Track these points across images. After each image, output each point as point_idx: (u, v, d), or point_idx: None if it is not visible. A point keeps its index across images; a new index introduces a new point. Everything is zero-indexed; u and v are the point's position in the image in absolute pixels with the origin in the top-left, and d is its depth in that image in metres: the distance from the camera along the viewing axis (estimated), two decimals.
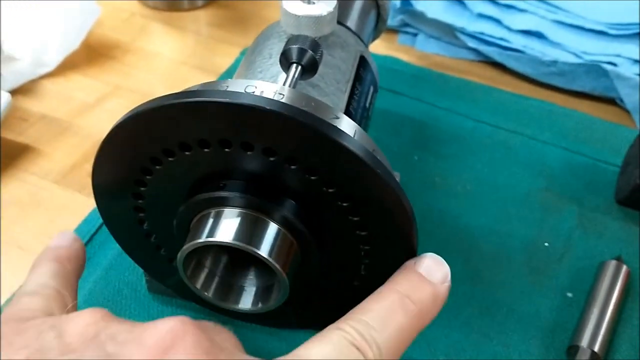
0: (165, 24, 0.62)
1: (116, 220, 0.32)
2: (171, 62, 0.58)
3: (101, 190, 0.31)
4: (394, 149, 0.48)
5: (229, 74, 0.55)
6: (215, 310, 0.35)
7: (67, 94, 0.53)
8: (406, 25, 0.61)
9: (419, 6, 0.58)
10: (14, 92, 0.51)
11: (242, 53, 0.57)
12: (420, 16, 0.58)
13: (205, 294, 0.30)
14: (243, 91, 0.27)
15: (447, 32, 0.59)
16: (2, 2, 0.52)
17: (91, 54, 0.56)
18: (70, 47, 0.54)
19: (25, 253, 0.41)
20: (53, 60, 0.54)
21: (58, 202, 0.44)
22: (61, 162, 0.47)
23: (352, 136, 0.27)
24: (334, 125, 0.26)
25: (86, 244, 0.41)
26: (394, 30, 0.61)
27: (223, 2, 0.65)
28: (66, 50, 0.54)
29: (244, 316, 0.35)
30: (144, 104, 0.27)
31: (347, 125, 0.27)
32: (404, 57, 0.59)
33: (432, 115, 0.52)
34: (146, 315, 0.37)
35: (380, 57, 0.57)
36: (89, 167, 0.46)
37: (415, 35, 0.61)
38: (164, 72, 0.56)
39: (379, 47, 0.59)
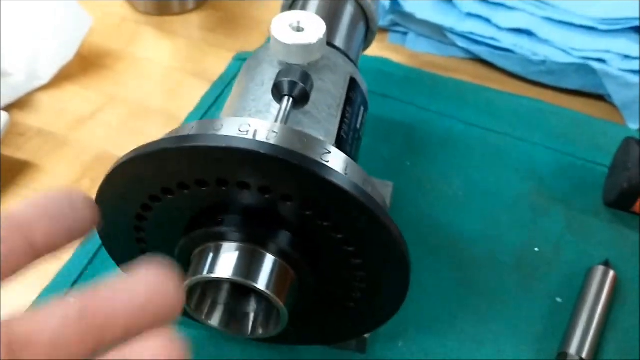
0: (157, 28, 0.62)
1: (119, 250, 0.33)
2: (164, 69, 0.58)
3: (104, 223, 0.31)
4: (385, 156, 0.49)
5: (222, 81, 0.55)
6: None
7: (62, 107, 0.53)
8: (396, 24, 0.61)
9: (408, 7, 0.58)
10: (9, 107, 0.51)
11: (235, 58, 0.57)
12: (409, 16, 0.59)
13: (210, 322, 0.31)
14: (237, 132, 0.27)
15: (437, 31, 0.59)
16: None
17: (85, 64, 0.57)
18: (64, 59, 0.54)
19: (30, 273, 0.42)
20: (47, 72, 0.54)
21: None
22: (61, 177, 0.48)
23: (344, 172, 0.28)
24: (325, 165, 0.27)
25: (90, 261, 0.42)
26: (384, 29, 0.62)
27: (213, 4, 0.65)
28: (60, 62, 0.54)
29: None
30: (141, 147, 0.28)
31: (338, 161, 0.28)
32: (394, 56, 0.60)
33: (422, 118, 0.52)
34: None
35: (371, 58, 0.57)
36: (89, 182, 0.48)
37: (405, 34, 0.61)
38: (158, 79, 0.57)
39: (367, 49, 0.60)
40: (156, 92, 0.56)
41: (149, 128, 0.52)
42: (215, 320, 0.32)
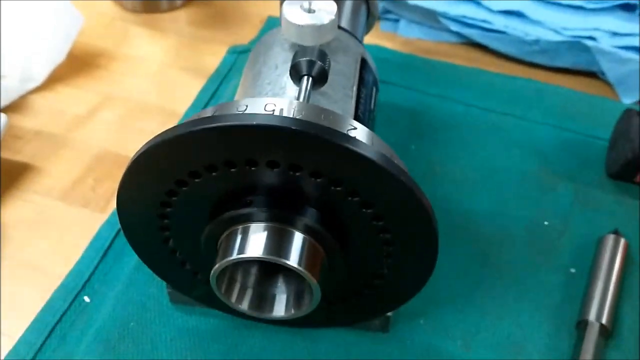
0: (146, 26, 0.62)
1: (141, 239, 0.33)
2: (158, 66, 0.57)
3: (126, 212, 0.31)
4: (391, 140, 0.48)
5: (218, 75, 0.55)
6: (243, 316, 0.36)
7: (58, 108, 0.53)
8: (388, 12, 0.61)
9: None
10: (3, 110, 0.50)
11: (229, 52, 0.57)
12: (402, 3, 0.59)
13: (240, 306, 0.31)
14: (263, 111, 0.27)
15: (429, 17, 0.60)
16: None
17: (77, 64, 0.56)
18: (57, 60, 0.54)
19: (41, 274, 0.41)
20: (40, 74, 0.53)
21: (65, 219, 0.45)
22: (62, 178, 0.47)
23: (371, 145, 0.28)
24: (354, 138, 0.27)
25: (100, 260, 0.41)
26: None
27: (201, 1, 0.65)
28: (53, 62, 0.53)
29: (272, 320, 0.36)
30: (167, 131, 0.27)
31: (364, 135, 0.28)
32: (387, 44, 0.60)
33: (423, 102, 0.53)
34: (172, 326, 0.38)
35: (366, 46, 0.57)
36: (91, 181, 0.47)
37: (397, 21, 0.62)
38: (153, 76, 0.56)
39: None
40: (152, 90, 0.55)
41: (148, 125, 0.52)
42: (245, 304, 0.31)
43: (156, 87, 0.56)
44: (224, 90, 0.54)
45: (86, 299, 0.39)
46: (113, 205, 0.45)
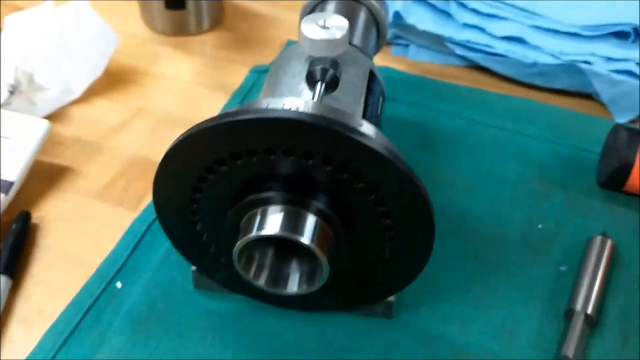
0: (176, 48, 0.67)
1: (173, 223, 0.37)
2: (186, 84, 0.63)
3: (161, 198, 0.36)
4: None
5: (241, 91, 0.60)
6: (259, 299, 0.40)
7: (95, 118, 0.58)
8: (398, 37, 0.66)
9: (409, 20, 0.63)
10: (46, 119, 0.56)
11: (252, 71, 0.62)
12: (411, 29, 0.64)
13: (257, 282, 0.35)
14: (282, 107, 0.32)
15: (436, 42, 0.65)
16: (31, 36, 0.57)
17: (112, 79, 0.61)
18: (94, 75, 0.59)
19: (78, 264, 0.45)
20: (79, 87, 0.58)
21: (100, 216, 0.49)
22: (98, 180, 0.52)
23: (375, 138, 0.32)
24: (359, 130, 0.31)
25: (132, 251, 0.45)
26: (387, 43, 0.67)
27: (226, 25, 0.70)
28: (90, 77, 0.59)
29: (286, 302, 0.40)
30: (201, 123, 0.32)
31: (369, 130, 0.33)
32: (397, 66, 0.65)
33: (427, 117, 0.57)
34: (195, 308, 0.42)
35: (377, 67, 0.62)
36: (124, 183, 0.52)
37: (406, 46, 0.66)
38: (180, 92, 0.61)
39: (374, 59, 0.65)
40: (179, 104, 0.60)
41: (175, 135, 0.55)
42: (262, 281, 0.35)
43: (183, 102, 0.61)
44: None
45: (118, 284, 0.44)
46: (144, 203, 0.49)
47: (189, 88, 0.62)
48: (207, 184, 0.34)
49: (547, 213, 0.49)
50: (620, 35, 0.62)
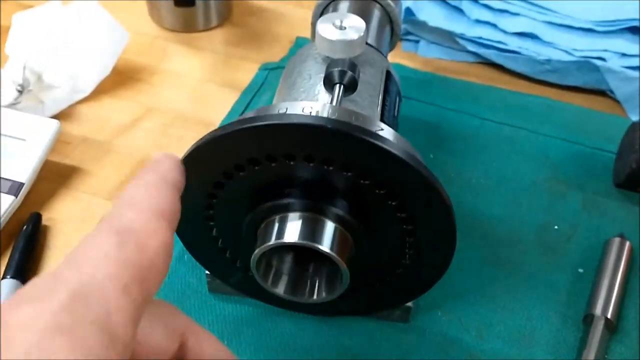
0: (184, 44, 0.66)
1: (189, 229, 0.36)
2: (195, 81, 0.62)
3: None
4: None
5: (251, 89, 0.59)
6: (274, 303, 0.40)
7: (104, 117, 0.57)
8: (409, 33, 0.65)
9: (420, 16, 0.63)
10: (54, 118, 0.55)
11: (261, 68, 0.61)
12: (422, 25, 0.63)
13: (276, 290, 0.35)
14: (301, 112, 0.31)
15: (447, 38, 0.64)
16: (39, 35, 0.56)
17: (121, 77, 0.61)
18: (103, 73, 0.58)
19: None
20: (88, 86, 0.58)
21: None
22: (108, 180, 0.51)
23: (396, 143, 0.31)
24: (381, 136, 0.30)
25: None
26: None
27: (235, 21, 0.70)
28: (100, 75, 0.58)
29: (302, 307, 0.40)
30: (219, 129, 0.31)
31: (390, 135, 0.32)
32: (408, 63, 0.64)
33: (441, 116, 0.57)
34: (210, 312, 0.41)
35: None
36: None
37: (417, 42, 0.66)
38: (191, 90, 0.61)
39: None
40: (189, 102, 0.60)
41: (185, 133, 0.56)
42: (280, 289, 0.35)
43: (193, 99, 0.60)
44: (256, 103, 0.58)
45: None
46: None
47: (198, 85, 0.62)
48: (224, 189, 0.33)
49: (563, 214, 0.48)
50: (634, 30, 0.61)
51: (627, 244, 0.44)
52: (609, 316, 0.40)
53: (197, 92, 0.61)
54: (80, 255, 0.22)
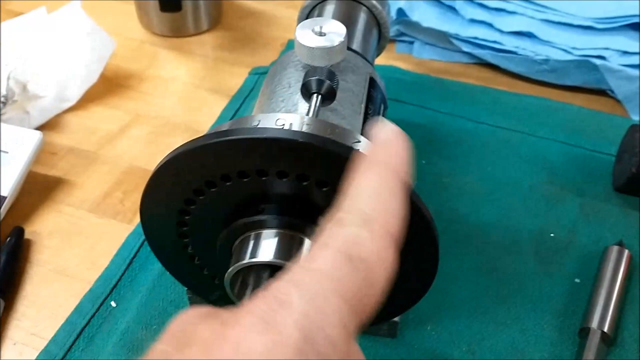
0: (174, 49, 0.65)
1: (163, 246, 0.35)
2: (185, 86, 0.61)
3: (149, 221, 0.34)
4: None
5: (241, 94, 0.58)
6: None
7: (91, 126, 0.56)
8: (402, 34, 0.64)
9: (413, 16, 0.61)
10: (40, 128, 0.54)
11: (251, 73, 0.60)
12: (415, 25, 0.62)
13: None
14: (274, 125, 0.30)
15: (442, 39, 0.62)
16: (24, 44, 0.56)
17: (109, 85, 0.60)
18: (90, 81, 0.57)
19: (72, 280, 0.44)
20: (75, 94, 0.57)
21: (96, 229, 0.48)
22: (93, 191, 0.50)
23: None
24: (356, 150, 0.29)
25: (127, 267, 0.44)
26: (391, 40, 0.64)
27: (226, 25, 0.68)
28: (86, 84, 0.57)
29: None
30: (185, 144, 0.30)
31: (368, 147, 0.30)
32: (402, 64, 0.62)
33: (434, 120, 0.55)
34: None
35: (381, 67, 0.60)
36: (120, 194, 0.50)
37: (411, 43, 0.64)
38: (180, 96, 0.60)
39: (378, 58, 0.63)
40: (178, 109, 0.58)
41: (174, 141, 0.54)
42: None
43: (182, 106, 0.59)
44: (245, 108, 0.57)
45: (113, 303, 0.42)
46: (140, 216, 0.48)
47: (188, 91, 0.60)
48: (197, 206, 0.32)
49: (561, 220, 0.47)
50: (635, 27, 0.59)
51: (626, 252, 0.42)
52: (605, 330, 0.38)
53: (186, 98, 0.59)
54: (309, 278, 0.21)
